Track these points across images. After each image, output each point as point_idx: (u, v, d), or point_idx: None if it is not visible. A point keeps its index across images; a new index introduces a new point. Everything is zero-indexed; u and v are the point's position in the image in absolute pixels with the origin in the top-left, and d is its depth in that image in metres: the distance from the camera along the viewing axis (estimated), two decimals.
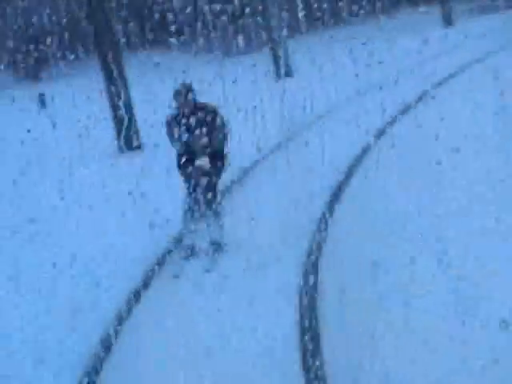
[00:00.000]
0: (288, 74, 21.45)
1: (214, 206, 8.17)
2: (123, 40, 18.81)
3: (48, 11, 28.00)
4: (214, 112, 8.14)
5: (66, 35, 22.76)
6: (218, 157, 8.16)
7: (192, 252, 8.14)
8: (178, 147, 8.21)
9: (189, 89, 8.14)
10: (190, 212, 8.15)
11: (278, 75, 21.60)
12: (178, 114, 8.17)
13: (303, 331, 5.65)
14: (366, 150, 10.87)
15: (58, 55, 23.16)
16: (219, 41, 28.36)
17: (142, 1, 30.20)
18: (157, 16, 25.09)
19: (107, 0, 16.11)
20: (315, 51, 19.66)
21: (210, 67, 18.19)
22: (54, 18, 26.82)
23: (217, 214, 8.21)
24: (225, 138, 8.23)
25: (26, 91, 21.60)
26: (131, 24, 26.11)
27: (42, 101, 20.33)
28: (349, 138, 11.28)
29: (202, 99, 8.21)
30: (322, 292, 6.32)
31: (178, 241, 8.28)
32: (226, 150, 8.25)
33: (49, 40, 23.50)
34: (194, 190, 8.14)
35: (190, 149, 8.08)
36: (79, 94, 16.61)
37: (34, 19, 29.00)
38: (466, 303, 5.46)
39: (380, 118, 12.06)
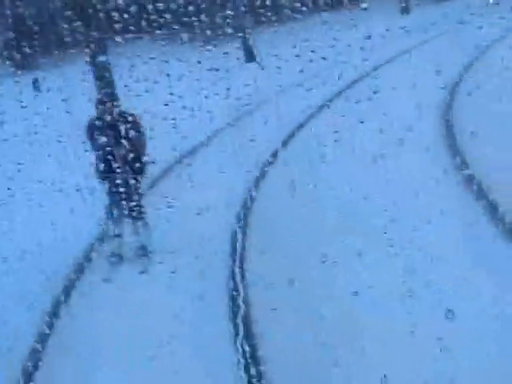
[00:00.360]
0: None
1: (137, 211, 8.48)
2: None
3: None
4: (134, 121, 8.46)
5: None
6: (136, 162, 8.46)
7: (120, 259, 8.58)
8: (97, 153, 8.50)
9: (112, 98, 8.78)
10: (112, 219, 8.54)
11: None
12: (99, 121, 8.47)
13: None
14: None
15: (54, 45, 25.85)
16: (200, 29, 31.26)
17: None
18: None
19: None
20: (260, 48, 22.23)
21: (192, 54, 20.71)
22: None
23: (141, 220, 8.60)
24: (142, 145, 8.54)
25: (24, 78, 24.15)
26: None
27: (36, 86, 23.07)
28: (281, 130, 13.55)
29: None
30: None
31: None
32: (144, 158, 8.57)
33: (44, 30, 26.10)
34: (116, 197, 8.43)
35: (109, 155, 8.38)
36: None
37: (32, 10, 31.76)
38: None
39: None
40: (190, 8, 14.71)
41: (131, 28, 13.66)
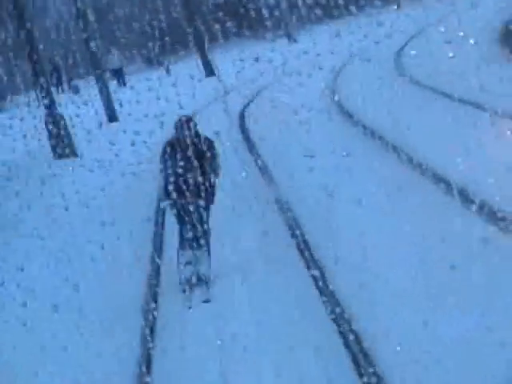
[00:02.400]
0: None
1: (204, 241, 8.35)
2: None
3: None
4: (210, 144, 8.42)
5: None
6: (208, 190, 8.34)
7: (190, 285, 8.34)
8: (167, 175, 8.34)
9: (191, 120, 8.51)
10: (182, 247, 8.44)
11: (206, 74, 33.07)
12: (174, 143, 8.41)
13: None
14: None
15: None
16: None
17: None
18: None
19: None
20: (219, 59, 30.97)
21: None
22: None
23: (206, 249, 8.43)
24: (216, 171, 8.42)
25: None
26: None
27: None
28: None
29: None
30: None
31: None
32: (215, 183, 8.47)
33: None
34: (185, 225, 8.36)
35: (181, 180, 8.20)
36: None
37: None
38: None
39: None
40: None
41: None
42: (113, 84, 31.77)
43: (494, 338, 5.75)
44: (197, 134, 8.38)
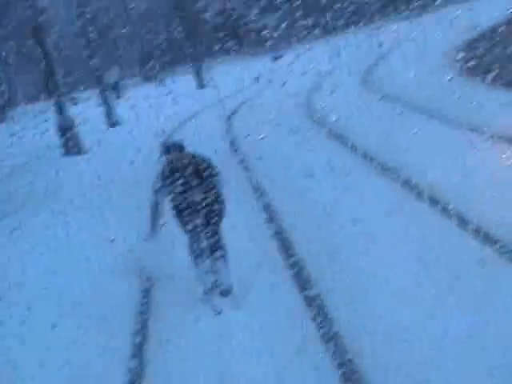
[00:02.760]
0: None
1: (219, 251, 8.36)
2: None
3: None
4: (208, 163, 8.32)
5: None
6: (215, 202, 8.30)
7: (213, 290, 8.37)
8: (168, 200, 8.35)
9: (181, 145, 8.35)
10: (197, 258, 8.39)
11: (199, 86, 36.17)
12: (172, 167, 8.23)
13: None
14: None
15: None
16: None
17: None
18: None
19: None
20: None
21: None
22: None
23: (223, 258, 8.40)
24: (220, 185, 8.33)
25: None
26: None
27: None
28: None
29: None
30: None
31: None
32: (222, 196, 8.38)
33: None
34: (197, 238, 8.34)
35: (186, 202, 8.21)
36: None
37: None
38: None
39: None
40: None
41: None
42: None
43: None
44: (191, 155, 8.36)
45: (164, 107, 23.48)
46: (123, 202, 13.21)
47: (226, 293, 8.32)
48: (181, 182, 8.16)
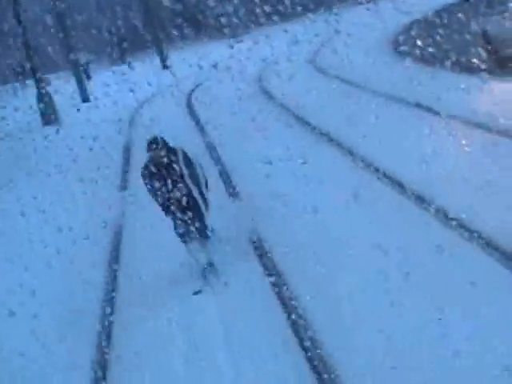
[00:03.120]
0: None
1: (204, 232, 8.67)
2: None
3: None
4: (185, 155, 8.60)
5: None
6: (196, 194, 8.58)
7: (210, 269, 8.74)
8: (158, 197, 8.59)
9: (159, 139, 8.61)
10: (186, 239, 8.66)
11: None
12: (150, 165, 8.54)
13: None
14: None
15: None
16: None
17: None
18: None
19: None
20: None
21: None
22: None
23: (209, 238, 8.77)
24: (198, 171, 8.66)
25: None
26: None
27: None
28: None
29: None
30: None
31: None
32: (205, 179, 8.75)
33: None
34: (180, 221, 8.56)
35: (169, 198, 8.52)
36: None
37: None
38: None
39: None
40: None
41: None
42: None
43: None
44: (170, 149, 8.61)
45: (132, 85, 26.35)
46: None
47: (210, 268, 8.71)
48: (162, 177, 8.44)
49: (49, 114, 23.19)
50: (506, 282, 6.80)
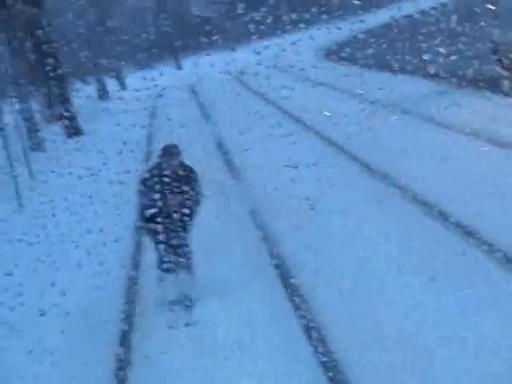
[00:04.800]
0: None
1: (185, 260, 8.52)
2: None
3: None
4: (194, 175, 8.56)
5: None
6: (189, 209, 8.51)
7: (174, 305, 8.60)
8: (148, 206, 8.39)
9: (176, 148, 8.49)
10: (164, 269, 8.52)
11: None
12: (156, 173, 8.46)
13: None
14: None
15: None
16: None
17: None
18: None
19: None
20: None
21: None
22: None
23: (189, 268, 8.60)
24: (198, 197, 8.60)
25: None
26: None
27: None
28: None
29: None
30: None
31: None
32: (194, 212, 8.60)
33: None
34: (165, 246, 8.42)
35: (162, 206, 8.34)
36: None
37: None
38: None
39: None
40: None
41: None
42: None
43: None
44: (181, 163, 8.51)
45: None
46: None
47: (187, 301, 8.59)
48: (162, 187, 8.33)
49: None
50: None
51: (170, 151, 8.48)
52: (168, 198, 8.34)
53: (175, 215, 8.39)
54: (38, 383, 8.00)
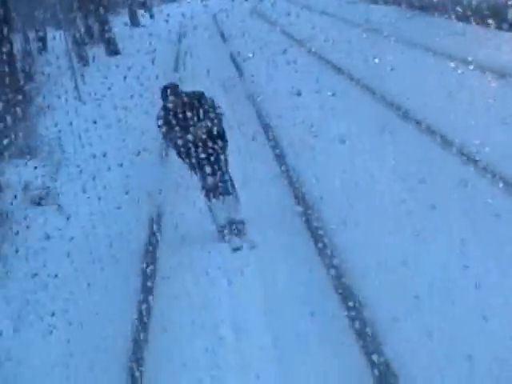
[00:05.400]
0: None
1: (227, 185, 8.60)
2: None
3: None
4: (202, 96, 8.58)
5: None
6: (218, 136, 8.62)
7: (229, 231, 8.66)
8: (176, 143, 8.54)
9: (175, 87, 8.51)
10: (208, 195, 8.63)
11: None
12: (168, 111, 8.45)
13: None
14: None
15: None
16: None
17: None
18: None
19: None
20: None
21: None
22: None
23: (232, 193, 8.71)
24: (219, 117, 8.63)
25: None
26: None
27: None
28: None
29: None
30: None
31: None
32: (223, 129, 8.71)
33: None
34: (203, 173, 8.51)
35: (189, 138, 8.42)
36: None
37: None
38: None
39: None
40: None
41: None
42: None
43: None
44: (187, 94, 8.59)
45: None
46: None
47: (239, 225, 8.70)
48: (181, 124, 8.35)
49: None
50: None
51: (171, 91, 8.61)
52: (193, 131, 8.52)
53: (208, 142, 8.58)
54: None
